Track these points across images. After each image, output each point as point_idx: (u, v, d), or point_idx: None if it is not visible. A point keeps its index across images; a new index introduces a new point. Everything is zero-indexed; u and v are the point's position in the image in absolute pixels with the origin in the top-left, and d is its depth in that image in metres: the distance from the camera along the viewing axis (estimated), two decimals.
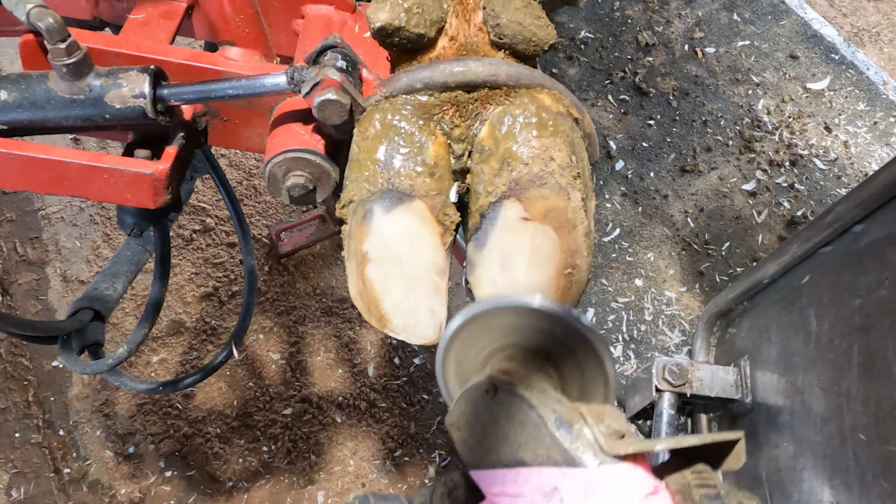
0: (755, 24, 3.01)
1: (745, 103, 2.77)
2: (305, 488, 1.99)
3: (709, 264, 2.39)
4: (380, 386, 2.13)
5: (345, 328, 2.21)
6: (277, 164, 0.85)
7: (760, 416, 1.77)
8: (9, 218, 2.33)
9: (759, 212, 2.51)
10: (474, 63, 0.81)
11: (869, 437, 1.30)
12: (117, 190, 0.88)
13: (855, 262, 1.47)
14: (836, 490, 1.38)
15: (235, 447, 2.02)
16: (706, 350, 2.12)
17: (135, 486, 1.95)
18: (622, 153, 2.62)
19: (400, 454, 2.05)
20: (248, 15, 1.01)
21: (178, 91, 0.85)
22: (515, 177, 0.79)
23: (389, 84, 0.82)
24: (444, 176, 0.81)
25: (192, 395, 2.08)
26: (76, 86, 0.83)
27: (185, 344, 2.15)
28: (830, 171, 2.62)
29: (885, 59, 3.07)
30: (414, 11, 0.82)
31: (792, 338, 1.65)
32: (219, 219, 2.36)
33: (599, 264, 2.37)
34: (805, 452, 1.52)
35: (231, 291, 2.24)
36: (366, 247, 0.81)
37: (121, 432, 2.02)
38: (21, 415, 2.03)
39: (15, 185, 0.88)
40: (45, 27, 0.79)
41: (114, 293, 1.12)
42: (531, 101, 0.81)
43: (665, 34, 2.95)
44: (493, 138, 0.81)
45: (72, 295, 2.21)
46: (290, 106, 0.89)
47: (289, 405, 2.08)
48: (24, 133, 0.88)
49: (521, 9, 0.85)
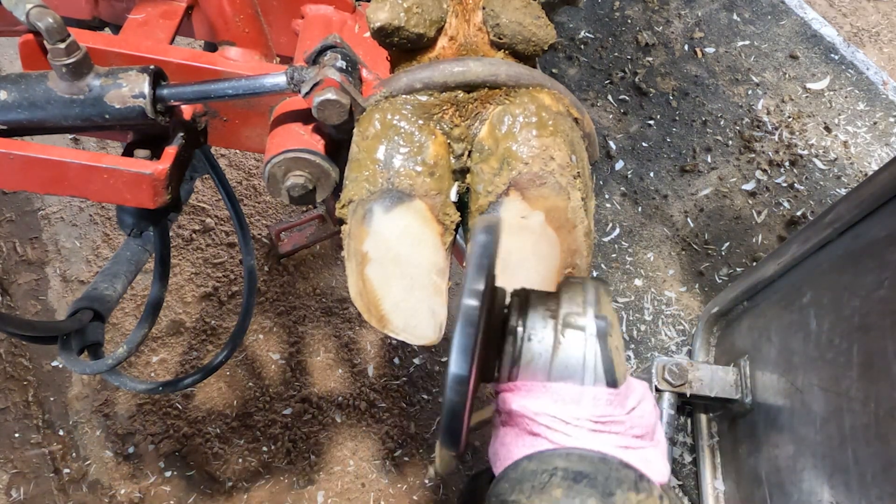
0: (755, 24, 3.01)
1: (744, 103, 2.77)
2: (305, 488, 1.99)
3: (709, 264, 2.39)
4: (380, 386, 2.13)
5: (345, 328, 2.21)
6: (277, 164, 0.85)
7: (760, 416, 1.77)
8: (9, 218, 2.32)
9: (759, 212, 2.51)
10: (474, 63, 0.81)
11: (869, 437, 1.30)
12: (117, 190, 0.88)
13: (855, 262, 1.47)
14: (836, 490, 1.38)
15: (235, 447, 2.02)
16: (706, 350, 2.12)
17: (135, 486, 1.95)
18: (622, 153, 2.62)
19: (400, 454, 2.05)
20: (248, 15, 1.01)
21: (177, 91, 0.85)
22: (515, 176, 0.79)
23: (389, 84, 0.82)
24: (444, 176, 0.81)
25: (192, 396, 2.08)
26: (76, 86, 0.83)
27: (185, 344, 2.15)
28: (830, 171, 2.62)
29: (884, 59, 3.07)
30: (413, 11, 0.82)
31: (791, 338, 1.65)
32: (219, 219, 2.36)
33: (599, 264, 2.37)
34: (805, 452, 1.52)
35: (231, 291, 2.24)
36: (365, 247, 0.81)
37: (121, 432, 2.02)
38: (21, 415, 2.03)
39: (15, 185, 0.88)
40: (45, 27, 0.79)
41: (113, 293, 1.12)
42: (531, 100, 0.81)
43: (665, 34, 2.95)
44: (493, 138, 0.81)
45: (71, 295, 2.21)
46: (289, 106, 0.89)
47: (288, 405, 2.08)
48: (24, 133, 0.88)
49: (520, 9, 0.85)
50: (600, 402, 0.62)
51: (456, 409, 0.55)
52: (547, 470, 0.59)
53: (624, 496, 0.57)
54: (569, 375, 0.62)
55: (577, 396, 0.62)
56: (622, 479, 0.58)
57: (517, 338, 0.64)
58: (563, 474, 0.58)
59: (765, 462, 1.70)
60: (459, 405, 0.55)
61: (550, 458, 0.60)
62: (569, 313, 0.64)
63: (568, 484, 0.57)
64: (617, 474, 0.59)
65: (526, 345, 0.64)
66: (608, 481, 0.58)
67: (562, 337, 0.63)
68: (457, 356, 0.55)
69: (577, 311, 0.64)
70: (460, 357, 0.55)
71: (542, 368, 0.63)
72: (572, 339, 0.63)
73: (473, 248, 0.59)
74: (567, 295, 0.66)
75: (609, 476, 0.58)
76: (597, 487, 0.57)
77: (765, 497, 1.67)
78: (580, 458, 0.59)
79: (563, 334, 0.63)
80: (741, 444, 1.84)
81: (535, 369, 0.63)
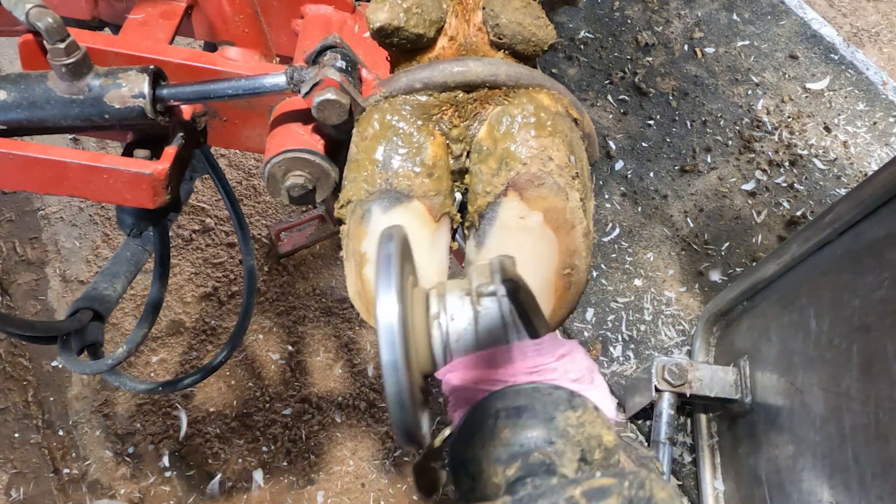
0: (755, 24, 3.01)
1: (744, 103, 2.77)
2: (305, 488, 1.99)
3: (708, 264, 2.39)
4: (379, 386, 2.13)
5: (344, 328, 2.21)
6: (277, 164, 0.85)
7: (760, 417, 1.77)
8: (8, 218, 2.33)
9: (759, 212, 2.51)
10: (474, 63, 0.81)
11: (869, 437, 1.30)
12: (116, 190, 0.88)
13: (855, 262, 1.47)
14: (836, 490, 1.38)
15: (235, 447, 2.02)
16: (706, 350, 2.12)
17: (134, 487, 1.95)
18: (622, 153, 2.62)
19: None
20: (248, 15, 1.01)
21: (177, 91, 0.85)
22: (513, 177, 0.79)
23: (389, 84, 0.82)
24: (443, 176, 0.81)
25: (192, 396, 2.08)
26: (75, 86, 0.83)
27: (185, 344, 2.15)
28: (830, 171, 2.62)
29: (884, 59, 3.07)
30: (413, 11, 0.82)
31: (791, 338, 1.65)
32: (218, 219, 2.36)
33: (598, 264, 2.37)
34: (804, 452, 1.52)
35: (230, 291, 2.24)
36: (364, 247, 0.81)
37: (120, 432, 2.02)
38: (20, 415, 2.03)
39: (14, 185, 0.88)
40: (45, 27, 0.79)
41: (113, 293, 1.12)
42: (529, 101, 0.81)
43: (665, 34, 2.95)
44: (492, 138, 0.81)
45: (71, 295, 2.21)
46: (289, 106, 0.89)
47: (288, 405, 2.08)
48: (24, 133, 0.88)
49: (520, 9, 0.85)
50: (528, 353, 0.65)
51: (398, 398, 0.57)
52: (490, 414, 0.62)
53: (563, 416, 0.60)
54: (494, 340, 0.66)
55: (507, 356, 0.65)
56: (557, 401, 0.61)
57: (441, 322, 0.67)
58: (505, 413, 0.61)
59: (764, 462, 1.70)
60: (400, 394, 0.57)
61: (489, 403, 0.63)
62: (479, 285, 0.68)
63: (512, 422, 0.61)
64: (550, 398, 0.62)
65: (451, 325, 0.67)
66: (546, 407, 0.61)
67: (478, 307, 0.67)
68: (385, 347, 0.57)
69: (485, 281, 0.68)
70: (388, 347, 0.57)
71: (470, 341, 0.66)
72: (487, 305, 0.67)
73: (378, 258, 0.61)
74: (476, 272, 0.70)
75: (545, 402, 0.61)
76: (537, 416, 0.60)
77: (764, 497, 1.67)
78: (515, 393, 0.63)
79: (479, 304, 0.67)
80: (741, 445, 1.84)
81: (465, 345, 0.67)
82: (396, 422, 0.58)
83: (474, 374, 0.65)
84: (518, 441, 0.59)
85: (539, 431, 0.59)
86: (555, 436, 0.59)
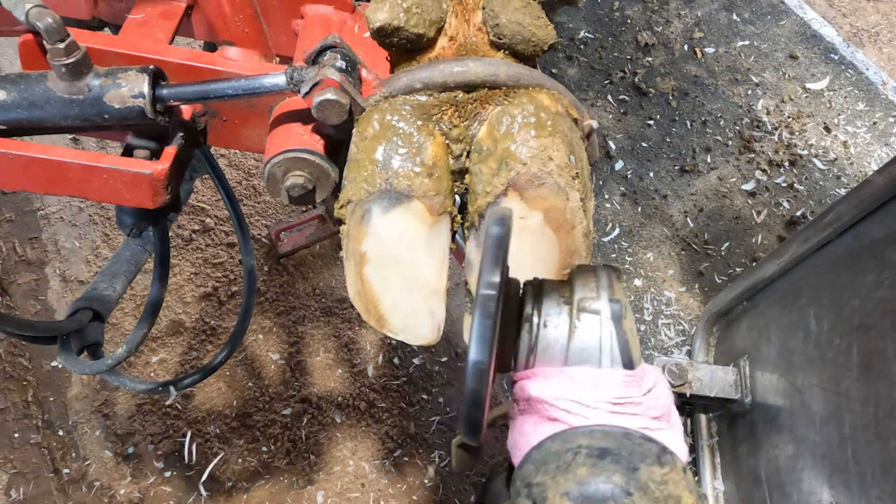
0: (755, 24, 3.01)
1: (744, 103, 2.77)
2: (305, 488, 1.99)
3: (708, 264, 2.39)
4: (379, 386, 2.13)
5: (344, 328, 2.21)
6: (277, 164, 0.85)
7: (760, 417, 1.77)
8: (8, 218, 2.32)
9: (759, 212, 2.51)
10: (474, 63, 0.81)
11: (869, 437, 1.30)
12: (116, 190, 0.88)
13: (854, 262, 1.47)
14: (836, 490, 1.38)
15: (235, 447, 2.02)
16: (705, 350, 2.12)
17: (134, 487, 1.95)
18: (622, 153, 2.62)
19: (399, 454, 2.05)
20: (248, 15, 1.01)
21: (177, 91, 0.85)
22: (513, 177, 0.79)
23: (389, 84, 0.82)
24: (443, 176, 0.81)
25: (192, 396, 2.08)
26: (75, 86, 0.83)
27: (185, 344, 2.15)
28: (830, 172, 2.62)
29: (884, 59, 3.07)
30: (413, 11, 0.82)
31: (791, 338, 1.65)
32: (218, 219, 2.36)
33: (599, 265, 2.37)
34: (804, 452, 1.52)
35: (230, 291, 2.24)
36: (364, 247, 0.81)
37: (120, 432, 2.02)
38: (20, 415, 2.03)
39: (14, 185, 0.88)
40: (44, 27, 0.79)
41: (113, 293, 1.12)
42: (529, 100, 0.81)
43: (664, 34, 2.95)
44: (492, 138, 0.81)
45: (71, 295, 2.21)
46: (289, 106, 0.89)
47: (288, 405, 2.08)
48: (24, 133, 0.88)
49: (520, 9, 0.85)
50: (618, 384, 0.62)
51: (477, 397, 0.56)
52: (571, 448, 0.59)
53: (648, 470, 0.57)
54: (585, 359, 0.63)
55: (595, 379, 0.62)
56: (646, 454, 0.58)
57: (533, 325, 0.65)
58: (587, 452, 0.58)
59: (764, 462, 1.70)
60: (480, 393, 0.56)
61: (574, 437, 0.60)
62: (583, 298, 0.65)
63: (592, 461, 0.57)
64: (640, 449, 0.59)
65: (542, 331, 0.64)
66: (632, 456, 0.58)
67: (577, 322, 0.64)
68: (476, 345, 0.55)
69: (591, 295, 0.65)
70: (479, 346, 0.55)
71: (559, 354, 0.64)
72: (588, 323, 0.64)
73: (488, 240, 0.59)
74: (580, 281, 0.67)
75: (633, 451, 0.58)
76: (621, 463, 0.57)
77: (764, 497, 1.67)
78: (603, 435, 0.60)
79: (579, 319, 0.64)
80: (741, 445, 1.84)
81: (551, 355, 0.64)
82: (468, 419, 0.57)
83: (555, 389, 0.62)
84: (594, 483, 0.56)
85: (619, 479, 0.56)
86: (634, 487, 0.56)
